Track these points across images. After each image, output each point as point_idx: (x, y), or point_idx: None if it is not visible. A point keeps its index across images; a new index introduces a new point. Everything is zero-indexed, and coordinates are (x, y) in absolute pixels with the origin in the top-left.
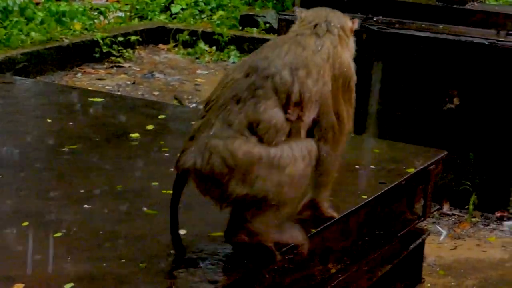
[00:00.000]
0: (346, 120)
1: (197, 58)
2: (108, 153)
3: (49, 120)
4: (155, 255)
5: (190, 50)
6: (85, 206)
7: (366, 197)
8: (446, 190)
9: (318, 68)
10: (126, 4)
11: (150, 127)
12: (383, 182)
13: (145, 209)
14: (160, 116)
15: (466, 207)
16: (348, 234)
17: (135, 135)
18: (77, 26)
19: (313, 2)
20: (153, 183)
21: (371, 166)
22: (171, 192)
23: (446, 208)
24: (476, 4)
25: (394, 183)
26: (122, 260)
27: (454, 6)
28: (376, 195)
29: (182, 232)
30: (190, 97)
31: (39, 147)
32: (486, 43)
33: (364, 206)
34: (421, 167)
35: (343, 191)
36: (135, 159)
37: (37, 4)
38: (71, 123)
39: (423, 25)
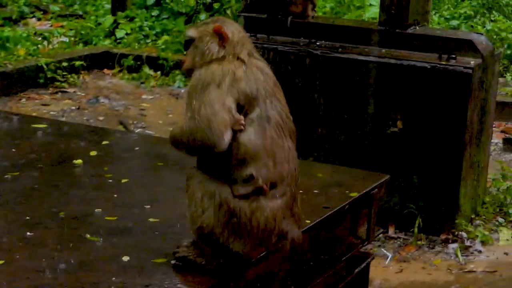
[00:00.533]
0: None
1: (142, 83)
2: (51, 180)
3: None
4: (98, 282)
5: (135, 75)
6: (28, 233)
7: (309, 221)
8: (391, 214)
9: None
10: (71, 29)
11: (93, 153)
12: (327, 206)
13: (88, 236)
14: (103, 142)
15: (411, 230)
16: (292, 258)
17: (78, 161)
18: (21, 51)
19: (255, 26)
20: (96, 210)
21: (315, 191)
22: (114, 218)
23: (391, 231)
24: (418, 28)
25: (338, 208)
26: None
27: (397, 30)
28: (319, 219)
29: (125, 258)
30: (135, 122)
31: None
32: (428, 66)
33: (307, 231)
34: (364, 191)
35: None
36: (78, 186)
37: None
38: (13, 150)
39: (366, 50)
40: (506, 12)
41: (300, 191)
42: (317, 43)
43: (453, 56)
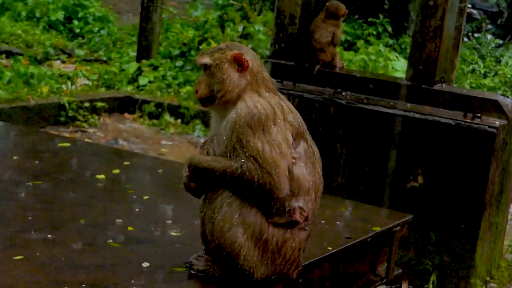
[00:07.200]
0: None
1: (162, 129)
2: (73, 190)
3: (15, 157)
4: (117, 283)
5: (155, 121)
6: (49, 235)
7: (331, 249)
8: (406, 269)
9: None
10: (94, 74)
11: (116, 171)
12: (349, 237)
13: (108, 241)
14: (125, 163)
15: (426, 286)
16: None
17: (101, 176)
18: (45, 89)
19: (282, 73)
20: (117, 220)
21: (338, 222)
22: (134, 229)
23: (404, 286)
24: (444, 85)
25: (360, 239)
26: (83, 285)
27: (423, 86)
28: (341, 248)
29: (144, 264)
30: None
31: (3, 180)
32: (453, 123)
33: (328, 259)
34: (387, 226)
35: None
36: (100, 197)
37: (6, 66)
38: (37, 162)
39: (391, 103)
40: None
41: (322, 221)
42: (343, 93)
43: (478, 115)
